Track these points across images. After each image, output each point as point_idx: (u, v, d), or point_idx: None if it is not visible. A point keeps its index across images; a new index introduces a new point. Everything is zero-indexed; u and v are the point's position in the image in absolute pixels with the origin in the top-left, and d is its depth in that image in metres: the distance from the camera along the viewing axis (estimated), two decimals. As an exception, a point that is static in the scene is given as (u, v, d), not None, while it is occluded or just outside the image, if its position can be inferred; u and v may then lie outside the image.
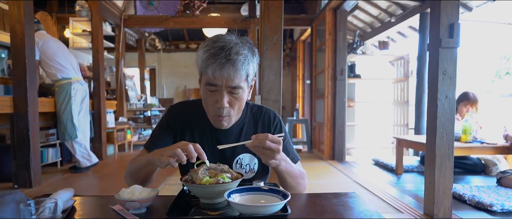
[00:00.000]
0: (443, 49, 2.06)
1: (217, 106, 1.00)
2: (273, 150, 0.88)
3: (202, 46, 0.98)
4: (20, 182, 2.99)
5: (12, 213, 0.77)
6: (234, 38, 0.98)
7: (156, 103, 6.78)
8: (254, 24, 5.48)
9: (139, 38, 7.07)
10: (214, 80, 0.96)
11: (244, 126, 1.14)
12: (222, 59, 0.92)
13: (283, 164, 0.99)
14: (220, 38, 0.96)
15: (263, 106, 1.20)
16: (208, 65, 0.94)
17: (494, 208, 2.21)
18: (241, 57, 0.94)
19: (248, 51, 0.98)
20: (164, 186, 3.13)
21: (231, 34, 0.99)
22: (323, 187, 3.17)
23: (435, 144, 2.11)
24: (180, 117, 1.14)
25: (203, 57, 0.96)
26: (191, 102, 1.18)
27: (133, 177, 1.05)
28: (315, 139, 5.36)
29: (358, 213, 0.85)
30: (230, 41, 0.95)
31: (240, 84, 0.98)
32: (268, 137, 0.87)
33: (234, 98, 1.01)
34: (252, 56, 0.99)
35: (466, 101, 3.35)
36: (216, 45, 0.94)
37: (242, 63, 0.95)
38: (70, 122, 3.57)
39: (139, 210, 0.84)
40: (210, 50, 0.94)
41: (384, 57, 5.68)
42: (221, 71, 0.93)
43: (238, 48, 0.95)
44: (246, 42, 0.99)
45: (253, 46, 1.02)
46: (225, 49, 0.93)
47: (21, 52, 2.93)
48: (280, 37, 2.20)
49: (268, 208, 0.76)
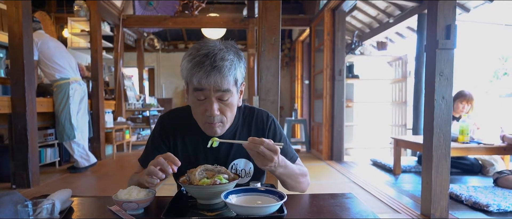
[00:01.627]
0: (440, 51, 2.08)
1: (207, 114, 0.97)
2: (266, 156, 0.86)
3: (186, 56, 0.96)
4: (18, 182, 2.98)
5: (10, 214, 0.77)
6: (218, 44, 0.95)
7: (155, 103, 6.78)
8: (253, 24, 5.48)
9: (137, 38, 7.06)
10: (202, 89, 0.93)
11: (237, 130, 1.10)
12: (207, 67, 0.90)
13: (280, 170, 0.96)
14: (203, 45, 0.94)
15: (255, 107, 1.17)
16: (194, 74, 0.91)
17: (491, 208, 2.22)
18: (227, 63, 0.92)
19: (234, 56, 0.95)
20: (163, 187, 3.14)
21: (214, 40, 0.97)
22: (321, 187, 3.18)
23: (432, 145, 2.12)
24: (171, 126, 1.11)
25: (188, 66, 0.93)
26: (181, 109, 1.15)
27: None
28: (314, 139, 5.37)
29: (354, 214, 0.86)
30: (214, 47, 0.93)
31: (228, 90, 0.95)
32: (264, 142, 0.85)
33: (224, 105, 0.98)
34: (239, 60, 0.97)
35: (462, 98, 3.39)
36: (200, 52, 0.92)
37: (229, 69, 0.92)
38: (68, 122, 3.56)
39: (137, 211, 0.85)
40: (195, 58, 0.91)
41: (382, 57, 5.70)
42: (208, 79, 0.91)
43: (223, 54, 0.92)
44: (231, 47, 0.96)
45: (239, 50, 0.99)
46: (210, 56, 0.90)
47: (19, 52, 2.92)
48: (278, 38, 2.21)
49: (264, 209, 0.77)
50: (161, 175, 0.84)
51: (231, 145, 1.08)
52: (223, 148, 1.07)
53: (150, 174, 0.85)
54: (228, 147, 1.08)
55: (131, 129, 5.52)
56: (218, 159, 1.08)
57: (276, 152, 0.87)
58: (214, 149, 1.02)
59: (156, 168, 0.84)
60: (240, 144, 0.94)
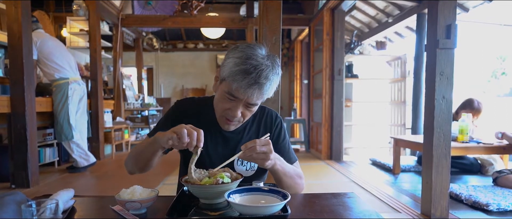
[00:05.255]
0: (441, 50, 2.08)
1: (229, 113, 1.02)
2: (265, 152, 0.90)
3: (233, 55, 0.98)
4: (18, 182, 2.97)
5: (12, 214, 0.77)
6: (266, 57, 0.97)
7: (154, 103, 6.77)
8: (252, 24, 5.48)
9: (136, 38, 7.05)
10: (236, 94, 0.97)
11: (247, 125, 1.17)
12: (251, 80, 0.93)
13: (278, 163, 1.01)
14: (253, 55, 0.95)
15: (265, 106, 1.23)
16: (236, 80, 0.94)
17: (491, 208, 2.23)
18: (269, 83, 0.96)
19: (276, 75, 0.99)
20: (163, 186, 3.14)
21: (262, 48, 0.99)
22: (321, 186, 3.18)
23: (432, 144, 2.13)
24: (187, 111, 1.16)
25: (233, 69, 0.95)
26: (197, 99, 1.20)
27: (134, 160, 1.07)
28: (313, 138, 5.37)
29: (357, 213, 0.86)
30: (262, 62, 0.95)
31: (258, 103, 1.02)
32: (256, 142, 0.89)
33: (247, 111, 1.04)
34: (277, 78, 1.00)
35: (469, 109, 3.30)
36: (248, 62, 0.94)
37: (268, 88, 0.97)
38: (66, 122, 3.55)
39: (139, 211, 0.85)
40: (242, 65, 0.94)
41: (381, 57, 5.71)
42: (246, 90, 0.95)
43: (268, 73, 0.95)
44: (276, 64, 0.99)
45: (280, 66, 1.02)
46: (257, 71, 0.93)
47: (19, 52, 2.91)
48: (279, 38, 2.20)
49: (268, 209, 0.76)
50: (185, 140, 0.85)
51: (241, 137, 1.14)
52: (233, 139, 1.13)
53: (175, 132, 0.86)
54: (237, 139, 1.14)
55: (130, 129, 5.50)
56: (226, 150, 1.12)
57: (268, 143, 0.92)
58: (224, 140, 1.12)
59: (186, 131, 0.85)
60: (249, 137, 1.06)
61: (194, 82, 8.45)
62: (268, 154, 0.91)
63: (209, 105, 1.14)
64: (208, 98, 1.18)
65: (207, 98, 1.19)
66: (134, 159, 1.07)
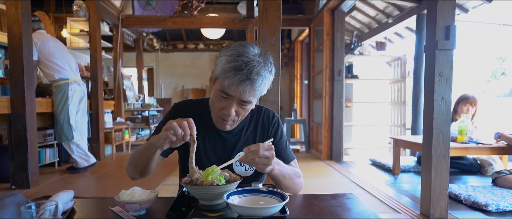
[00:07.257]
0: (440, 51, 2.08)
1: (223, 112, 1.03)
2: (268, 157, 0.90)
3: (225, 53, 0.99)
4: (18, 183, 2.98)
5: (12, 215, 0.77)
6: (258, 54, 0.98)
7: (154, 103, 6.77)
8: (252, 24, 5.48)
9: (137, 38, 7.05)
10: (229, 92, 0.98)
11: (245, 125, 1.17)
12: (242, 76, 0.94)
13: (277, 168, 1.01)
14: (244, 52, 0.97)
15: (263, 106, 1.24)
16: (228, 76, 0.95)
17: (490, 208, 2.23)
18: (261, 79, 0.97)
19: (268, 72, 1.00)
20: (162, 187, 3.14)
21: (254, 47, 1.00)
22: (321, 187, 3.18)
23: (432, 145, 2.13)
24: (184, 114, 1.15)
25: (225, 66, 0.96)
26: (194, 101, 1.21)
27: (133, 165, 1.08)
28: (313, 139, 5.37)
29: (355, 214, 0.86)
30: (254, 59, 0.96)
31: (251, 100, 1.01)
32: (260, 146, 0.89)
33: (241, 109, 1.04)
34: (270, 75, 1.01)
35: (465, 101, 3.36)
36: (240, 59, 0.95)
37: (260, 84, 0.98)
38: (66, 123, 3.56)
39: (139, 212, 0.85)
40: (233, 62, 0.95)
41: (381, 58, 5.71)
42: (238, 87, 0.95)
43: (260, 69, 0.96)
44: (268, 61, 1.00)
45: (272, 64, 1.03)
46: (248, 67, 0.94)
47: (19, 53, 2.92)
48: (278, 39, 2.21)
49: (267, 210, 0.77)
50: (179, 132, 0.87)
51: (238, 137, 1.15)
52: (230, 140, 1.14)
53: (167, 130, 0.87)
54: (235, 140, 1.15)
55: (130, 129, 5.51)
56: (224, 151, 1.13)
57: (272, 148, 0.91)
58: (222, 141, 1.14)
59: (176, 124, 0.87)
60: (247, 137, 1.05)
61: (194, 82, 8.46)
62: (270, 159, 0.91)
63: (206, 106, 1.15)
64: (205, 100, 1.18)
65: (203, 100, 1.20)
66: (133, 164, 1.08)
